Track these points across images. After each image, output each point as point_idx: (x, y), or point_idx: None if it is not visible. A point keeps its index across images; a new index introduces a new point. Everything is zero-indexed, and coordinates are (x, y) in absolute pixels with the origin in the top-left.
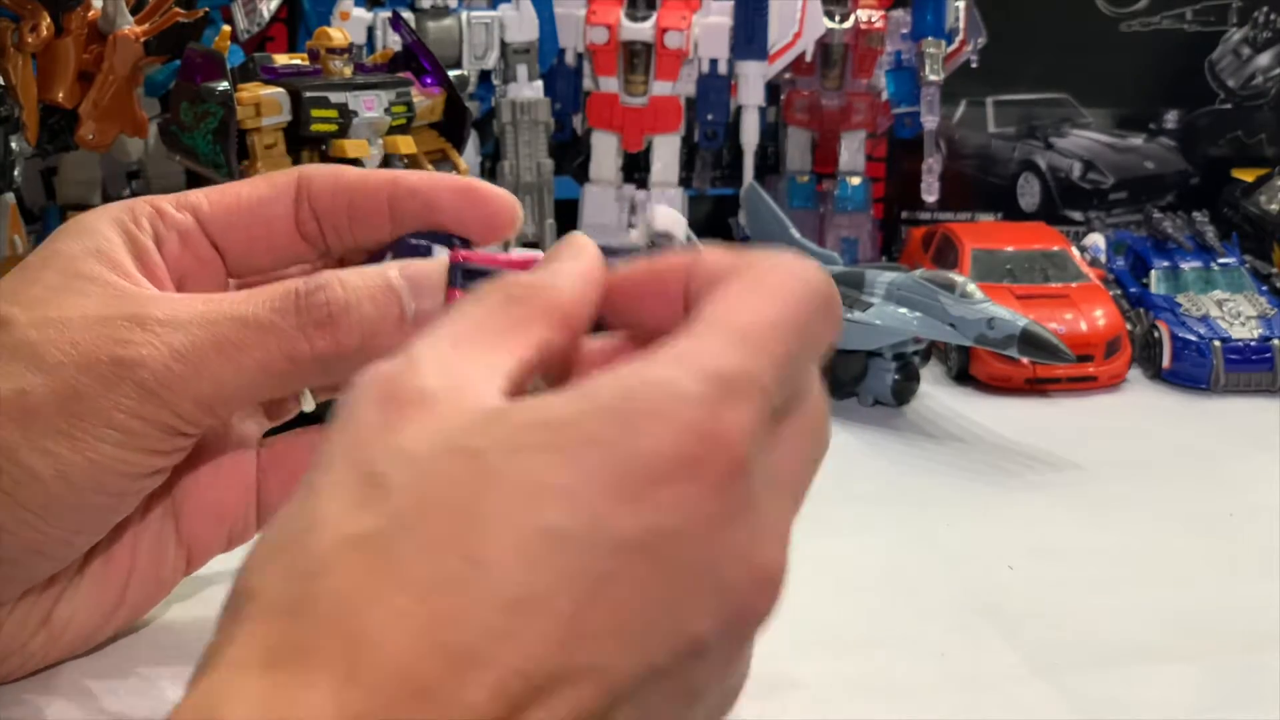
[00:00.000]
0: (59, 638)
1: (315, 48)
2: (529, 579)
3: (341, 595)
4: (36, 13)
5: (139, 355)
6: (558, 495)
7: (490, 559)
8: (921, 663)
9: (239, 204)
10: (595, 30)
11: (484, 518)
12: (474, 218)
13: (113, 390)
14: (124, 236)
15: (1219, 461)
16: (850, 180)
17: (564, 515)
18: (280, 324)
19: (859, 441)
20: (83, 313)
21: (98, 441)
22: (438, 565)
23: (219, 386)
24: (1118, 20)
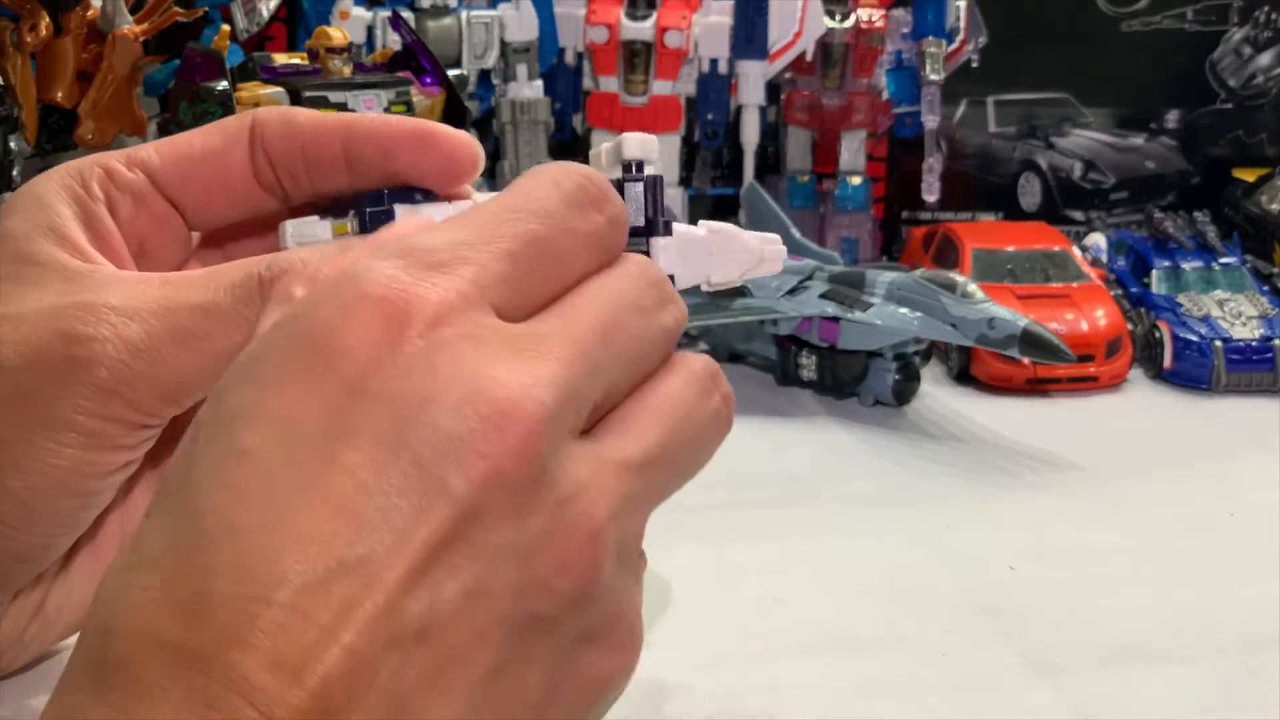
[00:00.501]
0: (54, 624)
1: (315, 47)
2: (239, 508)
3: (103, 595)
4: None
5: (93, 353)
6: (244, 414)
7: (202, 504)
8: (922, 663)
9: (191, 156)
10: (595, 30)
11: (195, 468)
12: (432, 163)
13: (70, 392)
14: (74, 206)
15: (1219, 461)
16: (851, 180)
17: (252, 432)
18: (243, 312)
19: (859, 441)
20: (36, 305)
21: (61, 447)
22: (168, 532)
23: (181, 377)
24: (1118, 20)
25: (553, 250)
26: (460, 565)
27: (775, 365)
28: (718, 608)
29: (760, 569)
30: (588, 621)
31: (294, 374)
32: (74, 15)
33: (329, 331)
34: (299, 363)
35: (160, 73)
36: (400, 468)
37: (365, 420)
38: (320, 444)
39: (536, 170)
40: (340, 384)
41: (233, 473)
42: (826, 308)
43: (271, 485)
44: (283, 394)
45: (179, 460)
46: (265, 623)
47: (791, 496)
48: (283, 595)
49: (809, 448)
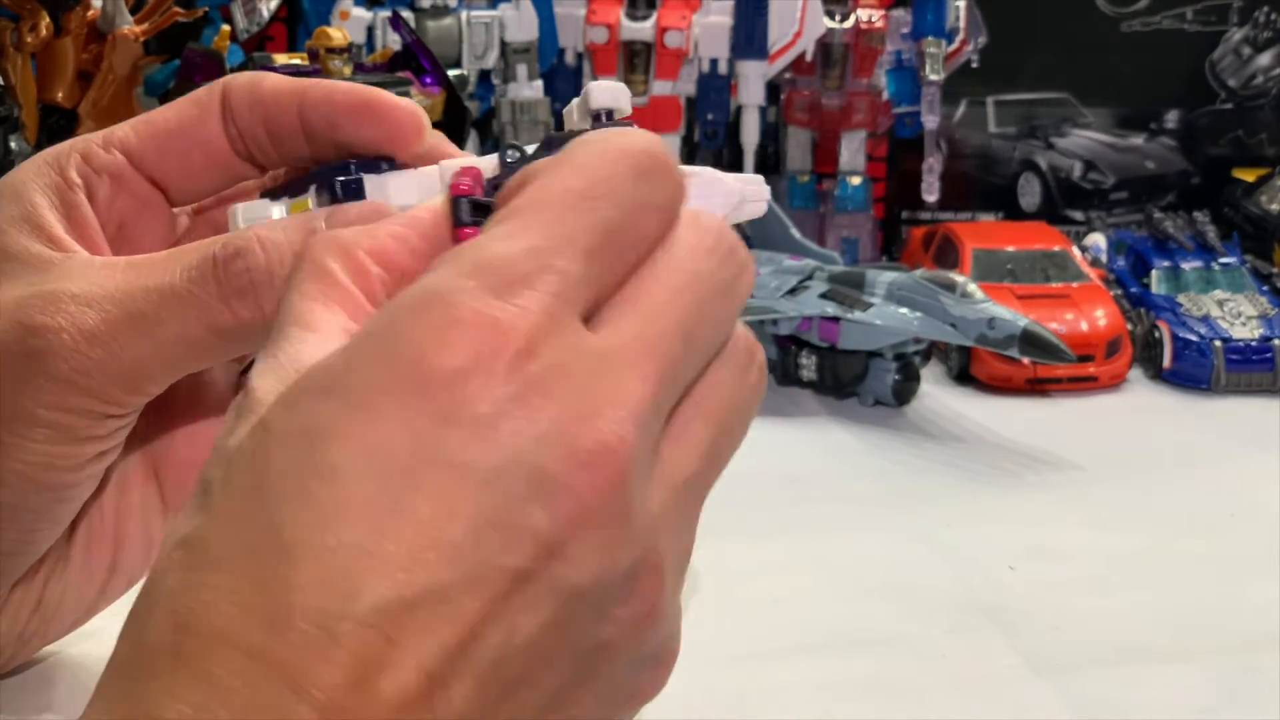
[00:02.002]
0: (53, 618)
1: (315, 47)
2: (324, 524)
3: (169, 595)
4: (36, 13)
5: (50, 344)
6: (330, 433)
7: (282, 516)
8: (922, 663)
9: (168, 130)
10: (595, 30)
11: (271, 479)
12: (376, 133)
13: (31, 386)
14: (50, 195)
15: (1219, 461)
16: (850, 180)
17: (340, 451)
18: (199, 294)
19: (859, 441)
20: (3, 299)
21: (26, 442)
22: (241, 539)
23: (139, 364)
24: (1118, 20)
25: (630, 235)
26: (540, 599)
27: (775, 365)
28: (717, 608)
29: (760, 569)
30: (647, 647)
31: (384, 395)
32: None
33: (420, 356)
34: (389, 384)
35: (160, 73)
36: (490, 500)
37: (457, 450)
38: (410, 470)
39: (592, 141)
40: (432, 411)
41: (317, 490)
42: (826, 308)
43: (359, 506)
44: (372, 415)
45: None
46: (349, 641)
47: (791, 496)
48: (368, 616)
49: (809, 448)
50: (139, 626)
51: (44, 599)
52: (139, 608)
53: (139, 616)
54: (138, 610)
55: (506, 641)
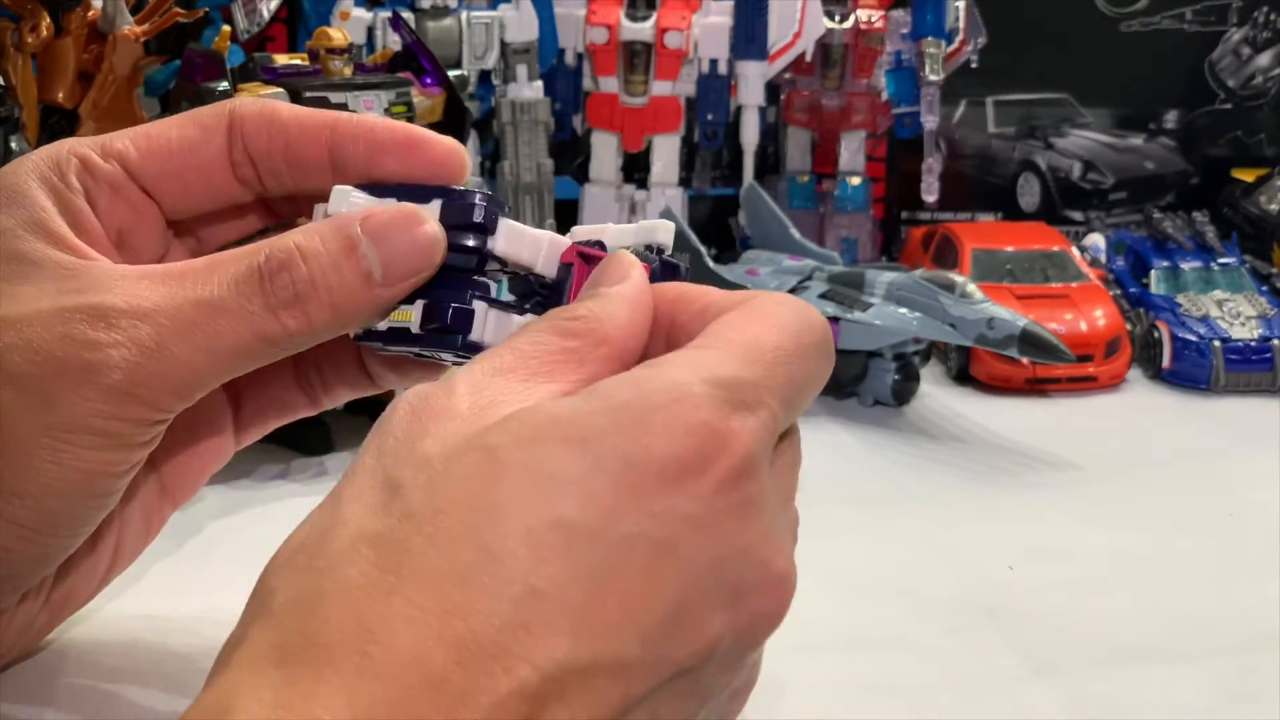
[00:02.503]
0: (61, 609)
1: (315, 48)
2: (540, 570)
3: (353, 590)
4: (36, 13)
5: (108, 358)
6: (569, 486)
7: (501, 550)
8: (921, 663)
9: (168, 150)
10: (595, 30)
11: (495, 509)
12: (420, 169)
13: (86, 397)
14: (55, 199)
15: (1219, 461)
16: (850, 180)
17: (576, 506)
18: (248, 308)
19: (859, 441)
20: (37, 307)
21: (80, 449)
22: (450, 558)
23: (193, 374)
24: (1118, 20)
25: (806, 393)
26: (687, 695)
27: None
28: None
29: None
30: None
31: (623, 465)
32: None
33: (663, 439)
34: (630, 456)
35: (161, 73)
36: (691, 592)
37: (677, 537)
38: (632, 541)
39: (792, 307)
40: (664, 494)
41: (544, 537)
42: (826, 308)
43: (577, 564)
44: (610, 480)
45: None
46: (529, 689)
47: None
48: (554, 670)
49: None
50: (312, 610)
51: (52, 596)
52: (309, 586)
53: (309, 599)
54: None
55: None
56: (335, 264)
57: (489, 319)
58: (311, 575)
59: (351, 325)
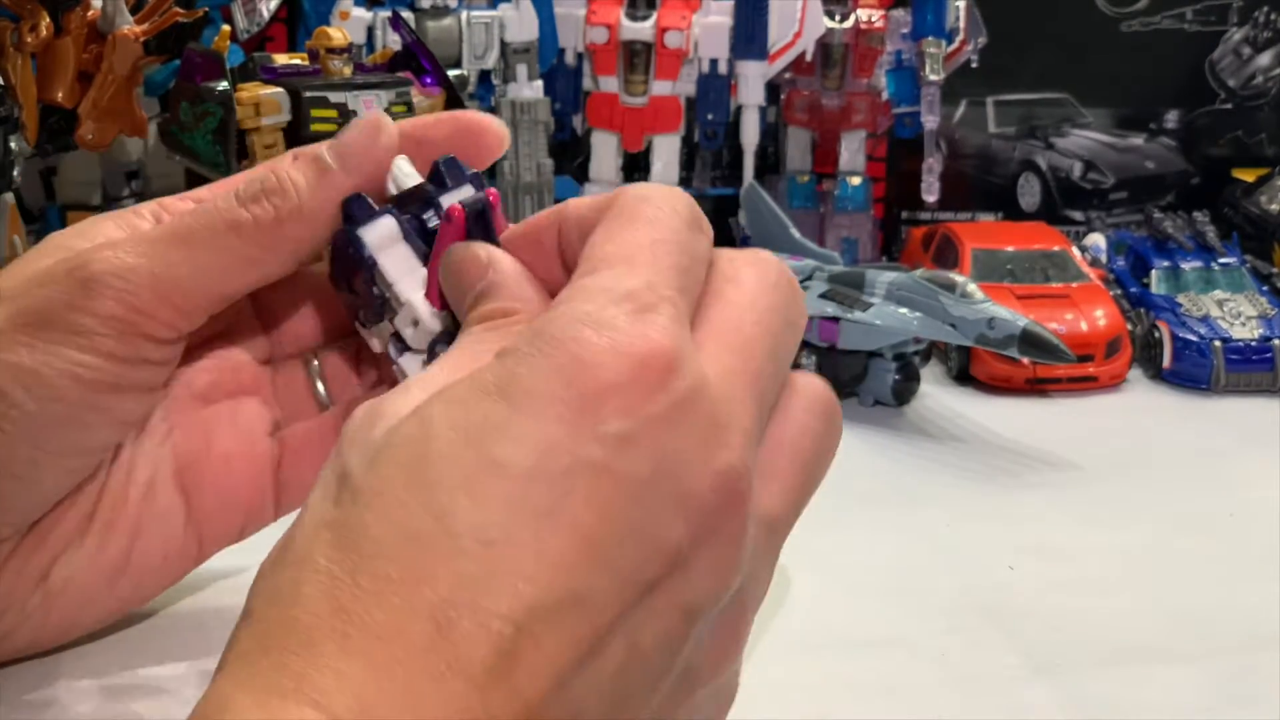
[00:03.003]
0: (57, 598)
1: (315, 48)
2: (486, 520)
3: (321, 575)
4: (36, 13)
5: (93, 258)
6: (495, 433)
7: (446, 508)
8: (921, 662)
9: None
10: (595, 30)
11: (431, 471)
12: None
13: (68, 293)
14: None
15: (1219, 461)
16: (850, 180)
17: (506, 451)
18: (221, 204)
19: (859, 441)
20: (54, 258)
21: (57, 346)
22: (401, 527)
23: (171, 269)
24: (1118, 20)
25: (693, 275)
26: (661, 613)
27: None
28: None
29: None
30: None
31: (550, 402)
32: (74, 15)
33: (586, 372)
34: (555, 392)
35: (161, 73)
36: (640, 509)
37: (614, 459)
38: (570, 472)
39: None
40: (595, 420)
41: (484, 483)
42: (826, 308)
43: (522, 504)
44: (539, 419)
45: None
46: (503, 642)
47: None
48: (522, 617)
49: None
50: (287, 600)
51: (51, 574)
52: (282, 581)
53: (283, 591)
54: (280, 584)
55: (627, 653)
56: (297, 165)
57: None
58: (283, 569)
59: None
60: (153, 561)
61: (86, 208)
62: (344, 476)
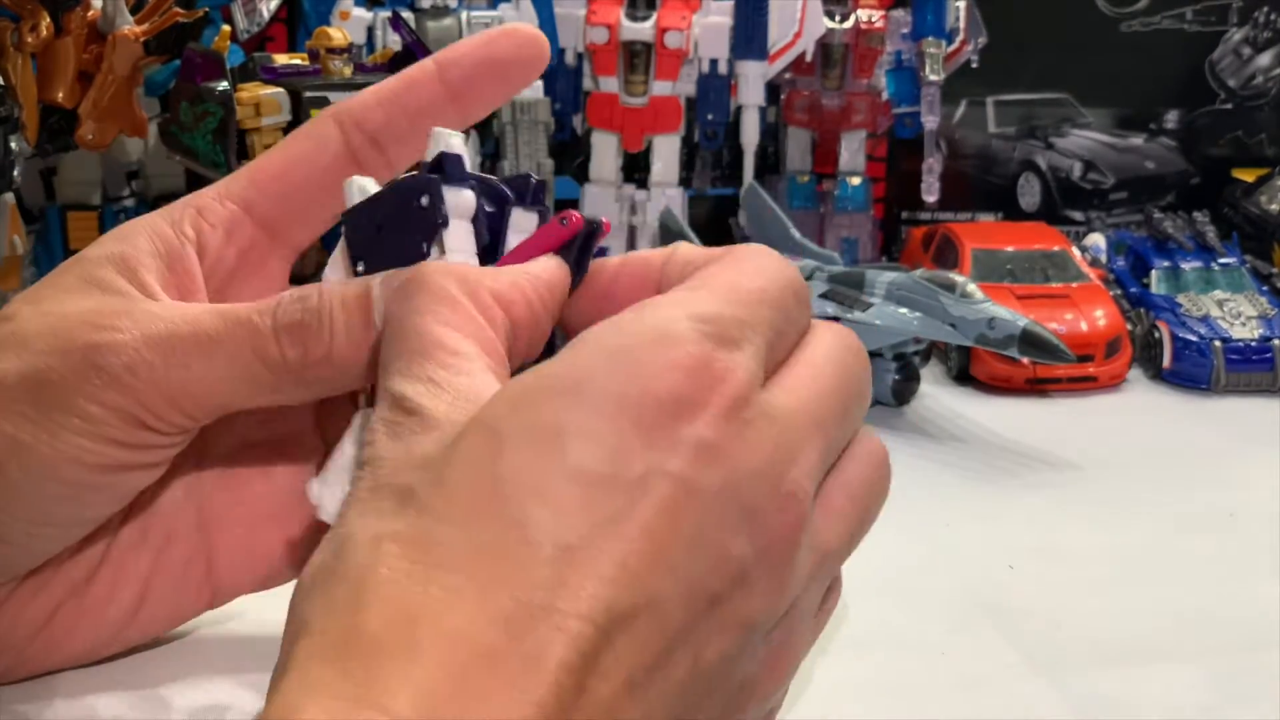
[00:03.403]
0: (59, 646)
1: (315, 48)
2: (563, 525)
3: (387, 586)
4: (36, 13)
5: (111, 340)
6: (572, 436)
7: (521, 516)
8: (922, 662)
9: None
10: (595, 30)
11: (506, 478)
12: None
13: (80, 375)
14: (157, 243)
15: (1219, 461)
16: (850, 180)
17: (582, 454)
18: (256, 322)
19: None
20: (76, 308)
21: (59, 427)
22: (474, 537)
23: (186, 376)
24: (1118, 20)
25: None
26: (723, 627)
27: None
28: None
29: None
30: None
31: (620, 405)
32: (75, 15)
33: (655, 376)
34: (625, 395)
35: (161, 73)
36: (709, 520)
37: (684, 467)
38: (644, 478)
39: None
40: (667, 427)
41: (558, 489)
42: (826, 308)
43: (596, 510)
44: (611, 420)
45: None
46: (582, 643)
47: None
48: (601, 619)
49: None
50: (348, 611)
51: (53, 622)
52: (338, 594)
53: (342, 603)
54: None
55: (693, 664)
56: (344, 301)
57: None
58: (338, 582)
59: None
60: (164, 612)
61: (86, 208)
62: (404, 493)
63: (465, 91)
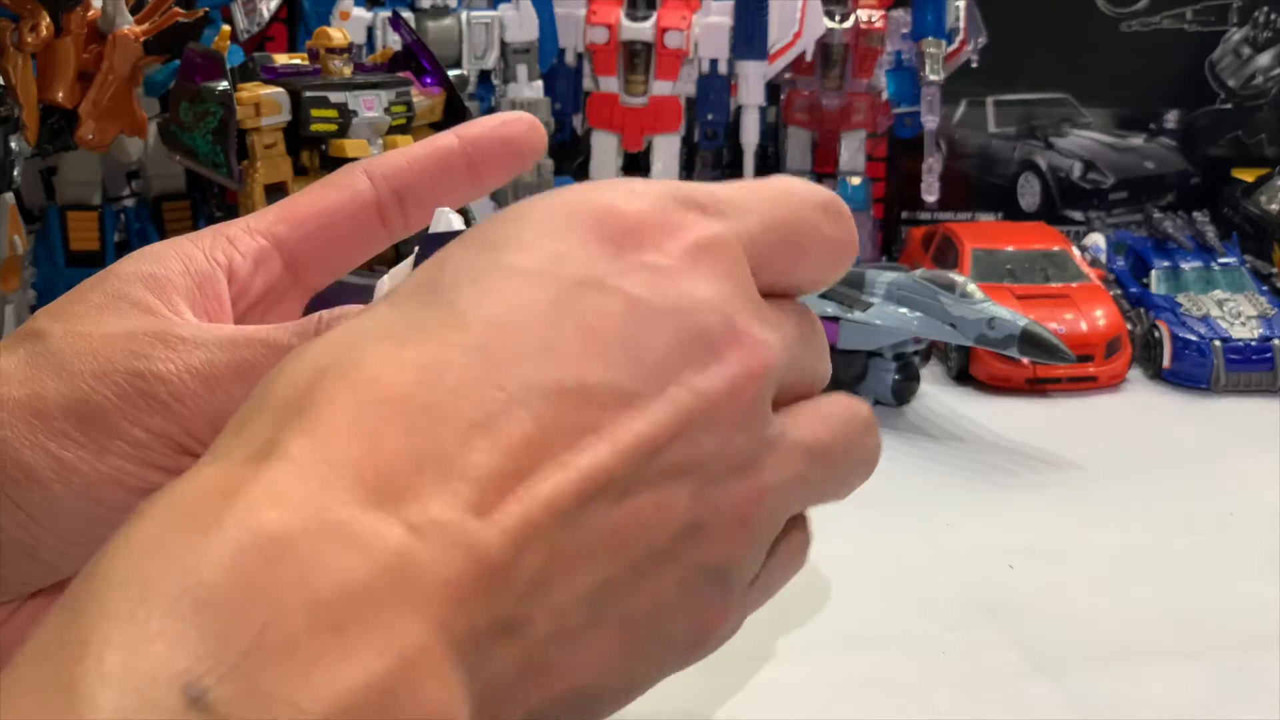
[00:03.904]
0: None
1: (315, 48)
2: (493, 301)
3: (314, 350)
4: (36, 13)
5: (156, 369)
6: (514, 242)
7: (456, 296)
8: (922, 661)
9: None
10: (595, 30)
11: (447, 274)
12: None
13: (126, 401)
14: (187, 263)
15: (1219, 461)
16: (850, 180)
17: (522, 256)
18: (296, 345)
19: None
20: (112, 329)
21: (104, 451)
22: (406, 318)
23: (229, 401)
24: (1118, 20)
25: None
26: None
27: None
28: None
29: None
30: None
31: (568, 224)
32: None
33: (608, 205)
34: (572, 217)
35: (161, 73)
36: (647, 329)
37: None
38: (582, 284)
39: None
40: (617, 245)
41: (497, 283)
42: (826, 307)
43: (533, 300)
44: (556, 238)
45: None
46: (495, 408)
47: None
48: (530, 399)
49: None
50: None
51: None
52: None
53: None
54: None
55: (639, 475)
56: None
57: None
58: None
59: None
60: None
61: (86, 207)
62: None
63: (482, 164)
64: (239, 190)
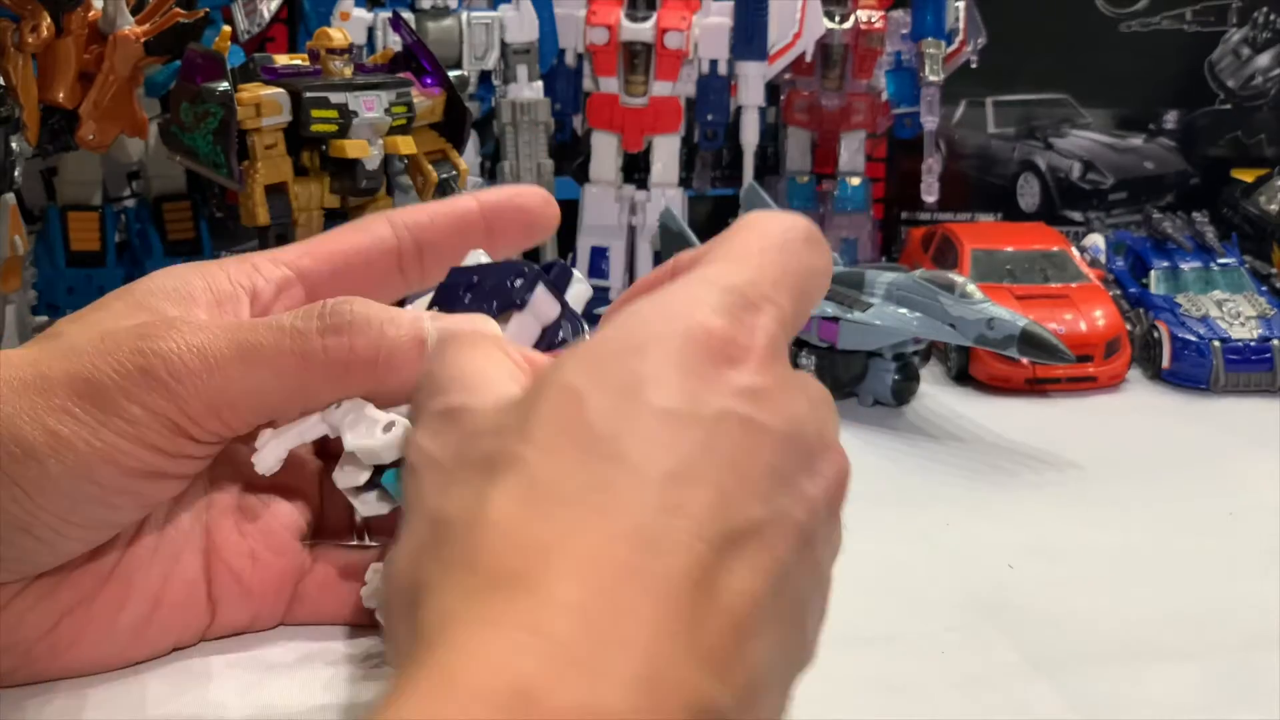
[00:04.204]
0: (63, 652)
1: (315, 48)
2: (664, 455)
3: (506, 526)
4: (37, 13)
5: (157, 348)
6: (649, 383)
7: (622, 451)
8: (922, 661)
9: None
10: (595, 30)
11: (597, 422)
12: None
13: (125, 378)
14: (210, 281)
15: (1219, 461)
16: (850, 180)
17: (663, 396)
18: (300, 326)
19: (859, 441)
20: (128, 322)
21: (100, 427)
22: (581, 478)
23: (228, 383)
24: (1118, 20)
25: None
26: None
27: None
28: None
29: None
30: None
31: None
32: (75, 16)
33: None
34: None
35: (161, 74)
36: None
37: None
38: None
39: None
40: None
41: (652, 431)
42: (826, 308)
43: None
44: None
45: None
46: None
47: None
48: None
49: None
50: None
51: (59, 628)
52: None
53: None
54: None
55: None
56: (394, 319)
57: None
58: (450, 546)
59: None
60: (169, 633)
61: (87, 208)
62: (487, 461)
63: (498, 230)
64: (239, 191)
